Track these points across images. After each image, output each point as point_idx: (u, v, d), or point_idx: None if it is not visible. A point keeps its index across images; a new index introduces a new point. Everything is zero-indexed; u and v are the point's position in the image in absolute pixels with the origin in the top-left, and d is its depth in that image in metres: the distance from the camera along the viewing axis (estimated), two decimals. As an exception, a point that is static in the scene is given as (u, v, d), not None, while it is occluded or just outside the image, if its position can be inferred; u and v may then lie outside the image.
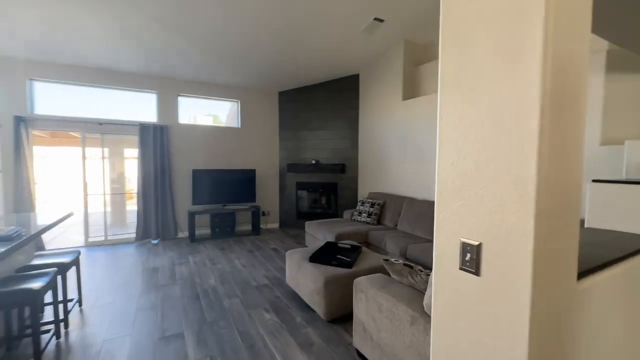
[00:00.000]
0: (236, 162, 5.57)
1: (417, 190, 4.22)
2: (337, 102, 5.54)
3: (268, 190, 5.94)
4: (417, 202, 3.96)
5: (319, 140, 5.68)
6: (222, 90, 5.43)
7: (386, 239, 3.58)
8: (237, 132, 5.58)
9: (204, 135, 5.28)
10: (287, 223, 6.00)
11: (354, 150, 5.49)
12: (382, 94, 4.86)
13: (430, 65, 4.31)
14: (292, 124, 5.84)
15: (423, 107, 4.14)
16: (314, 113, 5.69)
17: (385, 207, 4.39)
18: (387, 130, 4.78)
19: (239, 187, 5.37)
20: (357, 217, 4.47)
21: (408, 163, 4.37)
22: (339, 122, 5.55)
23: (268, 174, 5.93)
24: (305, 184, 5.81)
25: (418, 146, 4.21)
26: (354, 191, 5.54)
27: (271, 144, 5.95)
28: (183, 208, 5.16)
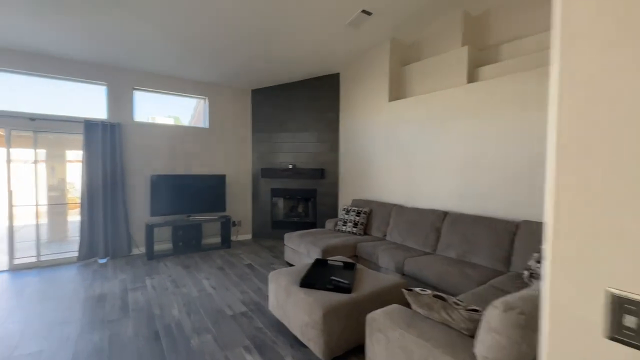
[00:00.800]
0: (203, 167, 4.95)
1: (405, 197, 3.94)
2: (316, 102, 5.16)
3: (239, 198, 5.37)
4: (406, 210, 3.67)
5: (296, 143, 5.24)
6: (188, 85, 4.81)
7: (378, 252, 3.23)
8: (204, 133, 4.97)
9: (166, 136, 4.62)
10: (261, 233, 5.46)
11: (333, 154, 5.13)
12: (366, 95, 4.56)
13: (417, 65, 4.08)
14: (267, 125, 5.35)
15: (411, 108, 3.89)
16: (290, 113, 5.25)
17: (372, 215, 4.06)
18: (371, 133, 4.47)
19: (207, 195, 4.75)
20: (342, 227, 4.08)
21: (395, 168, 4.09)
22: (317, 124, 5.16)
23: (240, 180, 5.37)
24: (281, 190, 5.33)
25: (406, 150, 3.94)
26: (334, 198, 5.16)
27: (243, 146, 5.40)
28: (139, 220, 4.44)
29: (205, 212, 4.74)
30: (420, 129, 3.76)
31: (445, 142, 3.50)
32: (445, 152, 3.50)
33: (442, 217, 3.28)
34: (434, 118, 3.62)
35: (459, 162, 3.36)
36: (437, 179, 3.57)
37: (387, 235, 3.77)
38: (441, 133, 3.54)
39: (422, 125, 3.74)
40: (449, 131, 3.46)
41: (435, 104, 3.62)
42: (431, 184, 3.64)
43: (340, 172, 5.10)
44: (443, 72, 3.73)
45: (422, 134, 3.74)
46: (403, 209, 3.72)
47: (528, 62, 3.12)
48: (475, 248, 2.83)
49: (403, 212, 3.68)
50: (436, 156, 3.59)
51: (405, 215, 3.61)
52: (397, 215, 3.74)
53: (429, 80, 3.91)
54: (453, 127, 3.43)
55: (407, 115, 3.92)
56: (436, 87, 3.80)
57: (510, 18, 3.51)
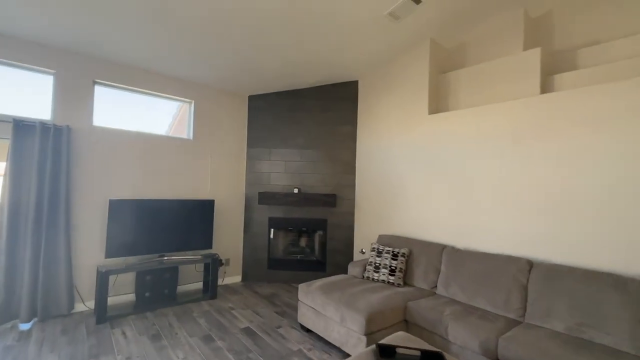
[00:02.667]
0: (185, 190, 3.80)
1: (457, 236, 3.04)
2: (328, 113, 4.26)
3: (229, 230, 4.22)
4: (466, 255, 2.77)
5: (302, 162, 4.26)
6: (170, 83, 3.73)
7: (447, 321, 2.25)
8: (187, 145, 3.86)
9: (136, 147, 3.46)
10: (253, 275, 4.30)
11: (349, 176, 4.20)
12: (395, 106, 3.74)
13: (463, 73, 3.34)
14: (267, 139, 4.35)
15: (463, 123, 3.08)
16: (296, 126, 4.30)
17: (412, 258, 3.11)
18: (402, 151, 3.61)
19: (188, 227, 3.58)
20: (373, 274, 3.08)
21: (439, 198, 3.22)
22: (329, 140, 4.24)
23: (230, 207, 4.24)
24: (282, 220, 4.26)
25: (457, 175, 3.09)
26: (348, 231, 4.18)
27: (236, 164, 4.32)
28: (88, 262, 3.16)
29: (184, 249, 3.55)
30: (478, 149, 2.95)
31: (518, 166, 2.69)
32: (517, 180, 2.68)
33: (527, 268, 2.39)
34: (498, 136, 2.82)
35: (541, 193, 2.54)
36: (507, 214, 2.72)
37: (440, 288, 2.82)
38: (511, 155, 2.74)
39: (481, 145, 2.93)
40: (524, 153, 2.67)
41: (499, 119, 2.84)
42: (497, 220, 2.78)
43: (357, 199, 4.15)
44: (504, 81, 2.99)
45: (482, 155, 2.92)
46: (460, 254, 2.81)
47: (619, 69, 2.45)
48: (600, 321, 1.95)
49: (462, 258, 2.77)
50: (504, 184, 2.76)
51: (467, 262, 2.70)
52: (451, 260, 2.82)
53: (482, 90, 3.16)
54: (529, 148, 2.64)
55: (458, 131, 3.11)
56: (494, 98, 3.05)
57: (585, 19, 2.88)
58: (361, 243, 4.07)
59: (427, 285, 2.93)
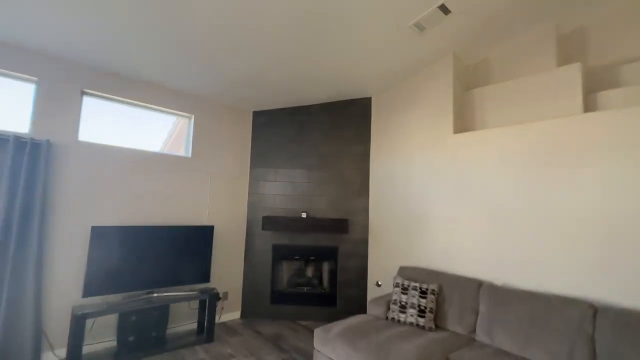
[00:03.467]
0: (180, 214, 3.36)
1: (494, 269, 2.67)
2: (339, 132, 3.96)
3: (229, 259, 3.76)
4: (510, 293, 2.38)
5: (311, 185, 3.90)
6: (168, 95, 3.39)
7: (504, 382, 1.84)
8: (185, 164, 3.47)
9: (126, 166, 3.05)
10: (254, 310, 3.80)
11: (361, 199, 3.84)
12: (415, 125, 3.46)
13: (490, 90, 3.10)
14: (272, 159, 3.99)
15: (497, 143, 2.79)
16: (304, 145, 3.97)
17: (443, 296, 2.71)
18: (424, 173, 3.30)
19: (182, 258, 3.13)
20: (399, 315, 2.66)
21: (470, 224, 2.87)
22: (340, 160, 3.91)
23: (231, 234, 3.80)
24: (288, 248, 3.84)
25: (489, 200, 2.77)
26: (361, 261, 3.77)
27: (238, 186, 3.93)
28: (61, 302, 2.65)
29: (177, 284, 3.07)
30: (515, 172, 2.64)
31: (564, 192, 2.38)
32: (564, 207, 2.36)
33: (591, 314, 2.02)
34: (539, 158, 2.53)
35: (597, 224, 2.21)
36: (553, 246, 2.38)
37: (480, 333, 2.41)
38: (555, 179, 2.44)
39: (520, 168, 2.62)
40: (571, 177, 2.37)
41: (537, 139, 2.56)
42: (541, 252, 2.43)
43: (372, 225, 3.78)
44: (539, 99, 2.75)
45: (519, 179, 2.61)
46: (503, 292, 2.43)
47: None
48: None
49: (505, 298, 2.38)
50: (547, 211, 2.44)
51: (513, 304, 2.32)
52: (493, 300, 2.43)
53: (513, 108, 2.91)
54: (577, 171, 2.34)
55: (490, 151, 2.82)
56: (528, 116, 2.79)
57: (623, 35, 2.69)
58: (376, 274, 3.66)
59: (463, 329, 2.52)
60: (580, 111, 2.49)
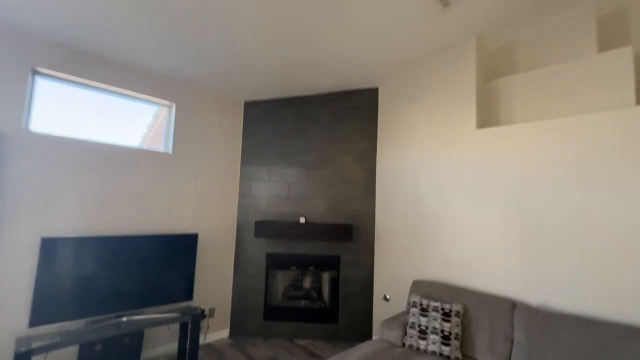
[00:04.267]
0: (158, 221, 2.86)
1: (529, 287, 2.29)
2: (341, 127, 3.52)
3: (214, 270, 3.28)
4: (553, 318, 2.00)
5: (309, 185, 3.45)
6: (144, 79, 2.87)
7: None
8: (165, 161, 2.97)
9: (91, 163, 2.53)
10: (244, 328, 3.34)
11: (367, 203, 3.42)
12: (430, 119, 3.05)
13: (515, 80, 2.72)
14: (265, 156, 3.52)
15: (525, 139, 2.41)
16: (302, 141, 3.51)
17: (469, 318, 2.32)
18: (440, 174, 2.90)
19: (160, 273, 2.63)
20: (419, 342, 2.25)
21: (496, 233, 2.49)
22: (343, 159, 3.48)
23: (218, 241, 3.32)
24: (284, 258, 3.39)
25: (522, 206, 2.38)
26: (366, 272, 3.36)
27: (227, 186, 3.44)
28: (3, 334, 2.13)
29: (153, 304, 2.58)
30: (556, 175, 2.26)
31: (614, 198, 2.01)
32: (615, 216, 2.00)
33: (662, 348, 1.66)
34: (582, 157, 2.15)
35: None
36: (602, 261, 2.02)
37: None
38: (603, 183, 2.07)
39: (559, 169, 2.24)
40: (622, 181, 2.00)
41: (579, 136, 2.18)
42: (587, 267, 2.07)
43: (378, 232, 3.36)
44: (579, 89, 2.38)
45: (561, 183, 2.23)
46: (544, 317, 2.05)
47: None
48: None
49: (548, 324, 2.00)
50: (597, 222, 2.07)
51: (561, 332, 1.94)
52: (532, 326, 2.05)
53: (544, 100, 2.53)
54: (632, 175, 1.98)
55: (522, 149, 2.43)
56: (563, 110, 2.42)
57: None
58: (384, 287, 3.25)
59: (493, 358, 2.13)
60: (633, 103, 2.12)
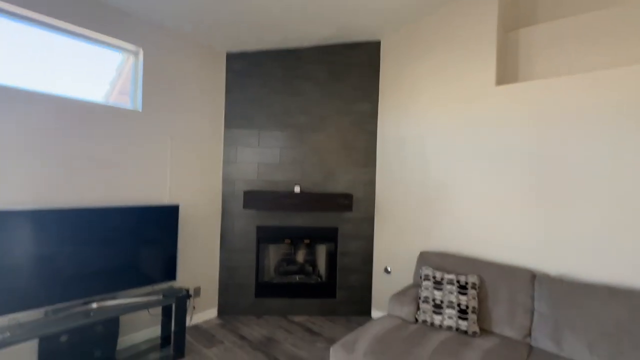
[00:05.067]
0: (129, 190, 2.42)
1: (553, 257, 2.15)
2: (339, 84, 3.14)
3: (199, 246, 2.93)
4: (579, 288, 1.86)
5: (304, 150, 3.10)
6: (104, 16, 2.29)
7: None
8: (133, 120, 2.47)
9: (44, 121, 2.02)
10: (235, 306, 3.07)
11: (367, 170, 3.14)
12: (441, 75, 2.74)
13: (538, 31, 2.43)
14: (254, 117, 3.09)
15: (556, 96, 2.17)
16: (295, 100, 3.11)
17: (485, 290, 2.17)
18: (451, 137, 2.64)
19: (135, 251, 2.25)
20: (433, 317, 2.08)
21: (514, 200, 2.30)
22: (341, 120, 3.13)
23: (201, 214, 2.94)
24: (277, 230, 3.08)
25: (545, 170, 2.19)
26: (366, 243, 3.14)
27: (210, 151, 3.01)
28: (-61, 326, 1.71)
29: (129, 286, 2.22)
30: (588, 134, 2.05)
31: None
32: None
33: (702, 317, 1.56)
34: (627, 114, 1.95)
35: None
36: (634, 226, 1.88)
37: (540, 338, 1.90)
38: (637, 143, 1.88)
39: (593, 127, 2.03)
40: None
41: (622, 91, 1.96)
42: (616, 235, 1.93)
43: (379, 200, 3.12)
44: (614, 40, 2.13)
45: (594, 143, 2.03)
46: (571, 288, 1.90)
47: None
48: None
49: (574, 294, 1.86)
50: (627, 184, 1.91)
51: (586, 302, 1.80)
52: (556, 297, 1.91)
53: (573, 52, 2.28)
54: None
55: (549, 109, 2.19)
56: (596, 63, 2.18)
57: None
58: (384, 259, 3.07)
59: (515, 332, 2.00)
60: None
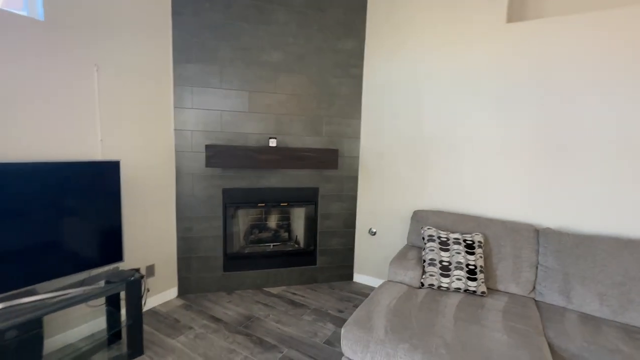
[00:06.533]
0: (42, 142, 1.67)
1: (555, 212, 2.07)
2: (318, 17, 2.57)
3: (148, 215, 2.30)
4: (587, 240, 1.82)
5: (280, 95, 2.55)
6: None
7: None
8: (30, 33, 1.64)
9: None
10: (199, 283, 2.59)
11: (350, 121, 2.75)
12: (439, 10, 2.36)
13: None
14: (213, 50, 2.39)
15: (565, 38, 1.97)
16: (267, 31, 2.47)
17: (489, 248, 2.04)
18: (447, 83, 2.35)
19: (61, 226, 1.59)
20: (441, 280, 1.89)
21: (515, 152, 2.16)
22: (321, 61, 2.62)
23: (149, 173, 2.27)
24: (248, 193, 2.58)
25: (548, 119, 2.04)
26: (349, 204, 2.84)
27: (152, 92, 2.28)
28: None
29: (56, 275, 1.59)
30: (600, 81, 1.91)
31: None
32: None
33: None
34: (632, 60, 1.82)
35: None
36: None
37: (547, 292, 1.85)
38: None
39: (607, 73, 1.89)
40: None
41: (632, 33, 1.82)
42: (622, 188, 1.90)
43: (364, 156, 2.79)
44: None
45: (607, 92, 1.90)
46: (577, 240, 1.84)
47: None
48: None
49: (582, 247, 1.81)
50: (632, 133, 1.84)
51: (597, 254, 1.77)
52: (563, 251, 1.84)
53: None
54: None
55: (564, 50, 1.99)
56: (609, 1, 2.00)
57: None
58: (368, 221, 2.82)
59: (521, 289, 1.93)
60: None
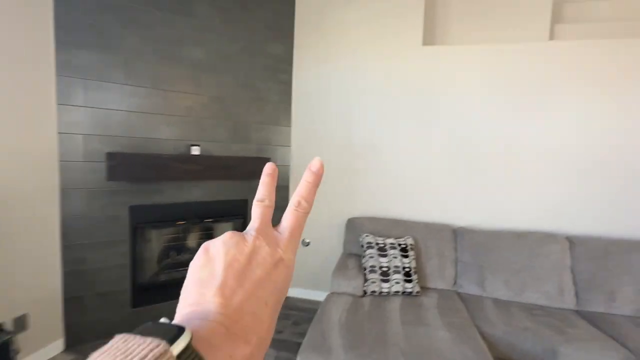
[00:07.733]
0: None
1: (471, 213, 2.37)
2: (247, 16, 2.39)
3: (17, 246, 1.68)
4: (492, 235, 2.14)
5: (201, 96, 2.24)
6: None
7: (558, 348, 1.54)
8: None
9: None
10: (94, 329, 2.02)
11: (280, 129, 2.64)
12: (365, 26, 2.48)
13: None
14: (116, 35, 1.92)
15: (468, 61, 2.32)
16: (189, 24, 2.15)
17: (419, 249, 2.20)
18: (381, 95, 2.49)
19: None
20: (382, 286, 1.93)
21: (432, 159, 2.42)
22: (250, 64, 2.43)
23: (17, 192, 1.65)
24: (163, 209, 2.17)
25: (459, 130, 2.36)
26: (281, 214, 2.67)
27: (29, 84, 1.69)
28: None
29: None
30: (494, 100, 2.30)
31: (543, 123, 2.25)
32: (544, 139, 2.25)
33: (567, 247, 2.05)
34: (516, 85, 2.27)
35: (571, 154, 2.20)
36: (531, 181, 2.29)
37: (465, 284, 2.10)
38: (529, 108, 2.26)
39: (498, 93, 2.29)
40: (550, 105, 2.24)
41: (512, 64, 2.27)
42: (517, 190, 2.31)
43: (294, 164, 2.71)
44: (513, 18, 2.43)
45: (490, 108, 2.29)
46: (486, 235, 2.16)
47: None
48: (661, 295, 1.83)
49: (490, 241, 2.12)
50: (521, 145, 2.28)
51: (501, 247, 2.09)
52: (476, 246, 2.13)
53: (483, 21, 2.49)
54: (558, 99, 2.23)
55: (467, 73, 2.33)
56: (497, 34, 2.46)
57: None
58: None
59: (446, 283, 2.14)
60: (546, 38, 2.34)
